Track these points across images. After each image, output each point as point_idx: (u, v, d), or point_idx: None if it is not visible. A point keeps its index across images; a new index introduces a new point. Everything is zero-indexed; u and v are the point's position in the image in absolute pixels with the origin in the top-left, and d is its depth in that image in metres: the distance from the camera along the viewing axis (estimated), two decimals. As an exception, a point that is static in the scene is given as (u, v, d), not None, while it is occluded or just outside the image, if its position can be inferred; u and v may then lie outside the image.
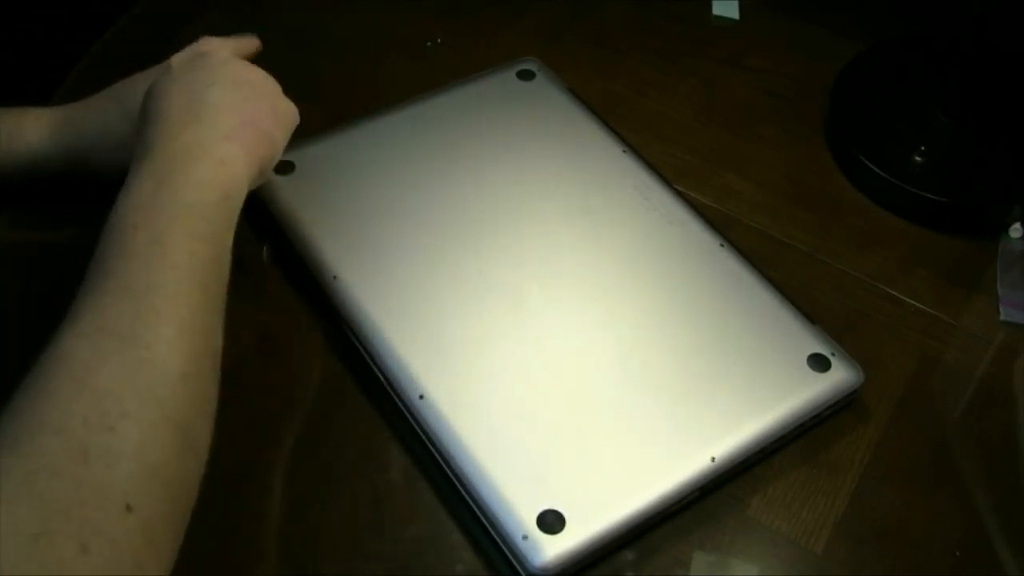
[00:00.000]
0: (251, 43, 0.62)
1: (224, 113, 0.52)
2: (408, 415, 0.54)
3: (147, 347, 0.41)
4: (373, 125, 0.66)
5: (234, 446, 0.54)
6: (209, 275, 0.46)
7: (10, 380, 0.39)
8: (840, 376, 0.55)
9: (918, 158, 0.68)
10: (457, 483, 0.51)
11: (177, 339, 0.42)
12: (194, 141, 0.50)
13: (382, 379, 0.55)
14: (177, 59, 0.56)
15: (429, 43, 0.77)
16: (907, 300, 0.63)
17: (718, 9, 0.82)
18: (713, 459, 0.51)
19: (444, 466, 0.52)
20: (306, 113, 0.59)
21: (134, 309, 0.42)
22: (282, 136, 0.56)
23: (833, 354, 0.55)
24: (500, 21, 0.80)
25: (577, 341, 0.55)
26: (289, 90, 0.58)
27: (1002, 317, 0.62)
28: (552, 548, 0.47)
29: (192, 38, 0.60)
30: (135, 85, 0.59)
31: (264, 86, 0.56)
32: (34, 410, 0.38)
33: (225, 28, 0.66)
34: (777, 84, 0.76)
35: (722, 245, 0.60)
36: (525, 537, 0.47)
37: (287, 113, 0.57)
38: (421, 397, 0.52)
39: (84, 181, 0.62)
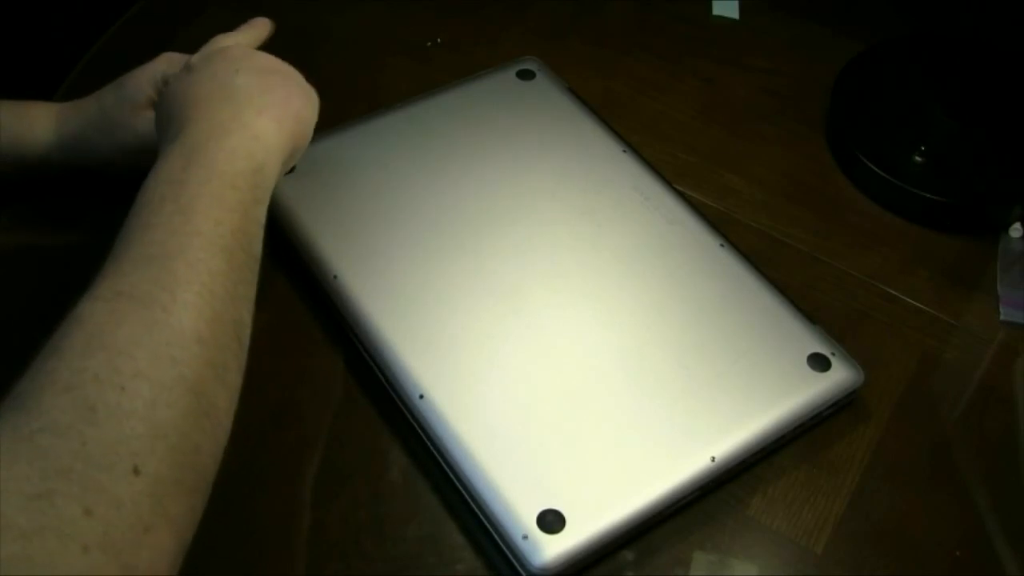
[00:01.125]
0: (263, 27, 0.61)
1: (255, 93, 0.52)
2: (408, 415, 0.54)
3: (164, 309, 0.40)
4: (373, 125, 0.66)
5: (234, 446, 0.54)
6: (235, 244, 0.45)
7: (10, 383, 0.39)
8: (840, 376, 0.55)
9: (918, 158, 0.68)
10: (457, 483, 0.51)
11: (196, 303, 0.41)
12: (228, 116, 0.49)
13: (382, 379, 0.55)
14: (196, 58, 0.56)
15: (429, 43, 0.77)
16: (907, 300, 0.63)
17: (718, 9, 0.82)
18: (713, 459, 0.51)
19: (444, 466, 0.52)
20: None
21: (154, 274, 0.41)
22: (311, 117, 0.55)
23: (833, 354, 0.55)
24: (500, 21, 0.80)
25: (577, 341, 0.55)
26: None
27: (1002, 317, 0.62)
28: (552, 548, 0.47)
29: (192, 38, 0.60)
30: (137, 75, 0.60)
31: (288, 72, 0.56)
32: (45, 368, 0.37)
33: (225, 28, 0.66)
34: (777, 84, 0.76)
35: (722, 245, 0.60)
36: (525, 537, 0.47)
37: (313, 97, 0.56)
38: (421, 397, 0.53)
39: (88, 175, 0.62)
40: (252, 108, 0.51)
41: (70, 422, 0.35)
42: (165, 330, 0.39)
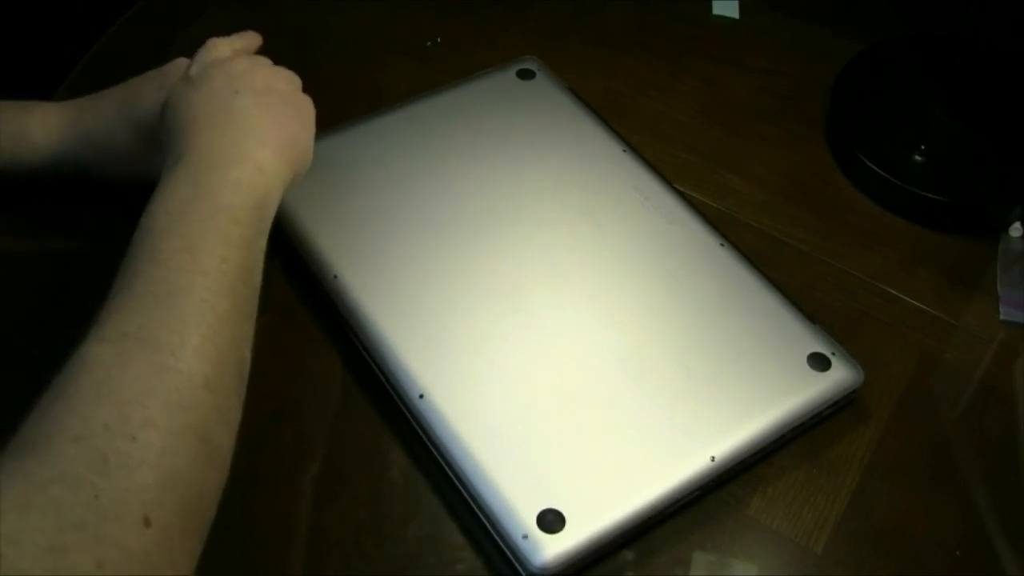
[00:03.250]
0: (253, 40, 0.61)
1: (256, 118, 0.51)
2: (408, 415, 0.54)
3: (172, 353, 0.40)
4: (373, 125, 0.66)
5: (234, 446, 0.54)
6: (239, 280, 0.45)
7: (8, 385, 0.39)
8: (840, 376, 0.55)
9: (918, 158, 0.68)
10: (457, 483, 0.51)
11: (203, 347, 0.41)
12: (230, 144, 0.49)
13: (382, 379, 0.55)
14: (194, 69, 0.55)
15: (429, 43, 0.77)
16: (907, 299, 0.63)
17: (718, 9, 0.82)
18: (713, 459, 0.51)
19: (444, 466, 0.52)
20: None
21: (160, 315, 0.41)
22: (308, 139, 0.55)
23: (833, 353, 0.55)
24: (500, 21, 0.80)
25: (577, 340, 0.55)
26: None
27: (1002, 316, 0.62)
28: (552, 547, 0.47)
29: (192, 38, 0.60)
30: (139, 94, 0.58)
31: (288, 90, 0.55)
32: (55, 415, 0.37)
33: (226, 28, 0.66)
34: (777, 84, 0.76)
35: (722, 245, 0.60)
36: (525, 537, 0.47)
37: (309, 113, 0.56)
38: (421, 397, 0.53)
39: (87, 185, 0.62)
40: (253, 136, 0.50)
41: (82, 473, 0.35)
42: (174, 376, 0.40)
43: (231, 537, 0.51)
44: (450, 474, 0.52)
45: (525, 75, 0.70)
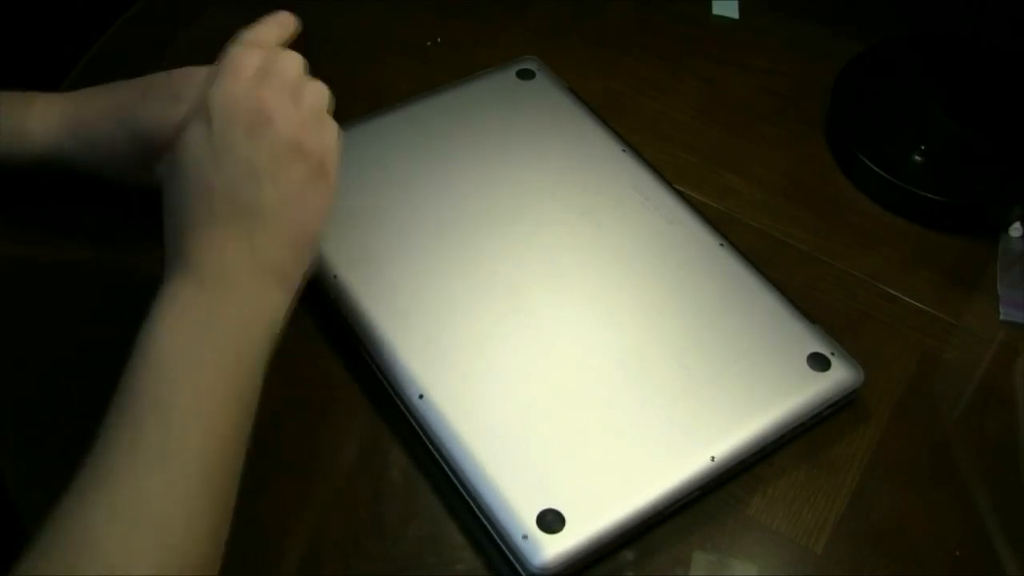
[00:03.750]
0: (288, 24, 0.55)
1: (281, 215, 0.48)
2: (408, 415, 0.54)
3: (173, 533, 0.40)
4: (373, 125, 0.66)
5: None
6: (247, 421, 0.45)
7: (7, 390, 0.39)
8: (840, 376, 0.55)
9: (918, 158, 0.68)
10: (457, 483, 0.51)
11: (204, 520, 0.41)
12: (249, 260, 0.47)
13: (382, 379, 0.55)
14: (216, 100, 0.49)
15: (429, 43, 0.77)
16: (907, 299, 0.63)
17: (718, 9, 0.82)
18: (713, 459, 0.51)
19: (444, 466, 0.52)
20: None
21: (164, 485, 0.40)
22: (325, 223, 0.51)
23: (833, 354, 0.55)
24: (500, 21, 0.80)
25: (577, 340, 0.55)
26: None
27: (1002, 317, 0.62)
28: (552, 548, 0.47)
29: (192, 38, 0.59)
30: (142, 104, 0.56)
31: (321, 157, 0.50)
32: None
33: (226, 28, 0.66)
34: (777, 84, 0.76)
35: (722, 245, 0.60)
36: (525, 537, 0.47)
37: (332, 187, 0.51)
38: (421, 397, 0.53)
39: (86, 185, 0.62)
40: (265, 260, 0.47)
41: None
42: (180, 559, 0.39)
43: (231, 537, 0.51)
44: (450, 474, 0.52)
45: (525, 75, 0.70)
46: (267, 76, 0.50)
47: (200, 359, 0.44)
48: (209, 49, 0.55)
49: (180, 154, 0.49)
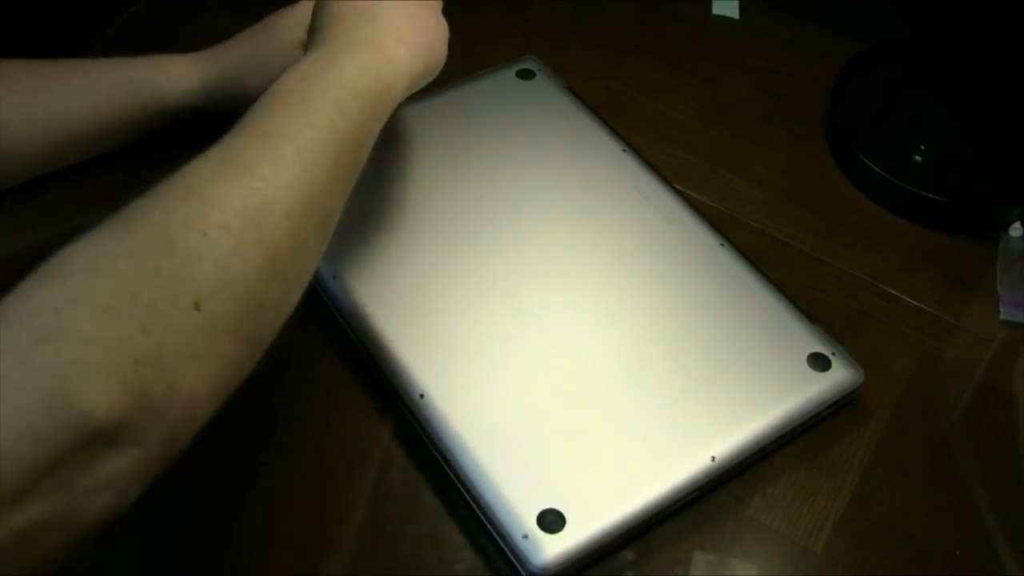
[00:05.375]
0: None
1: (399, 16, 0.53)
2: (408, 415, 0.54)
3: (263, 179, 0.42)
4: (373, 125, 0.66)
5: (234, 446, 0.54)
6: (344, 147, 0.47)
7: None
8: (840, 376, 0.55)
9: (918, 158, 0.68)
10: (457, 483, 0.51)
11: (293, 184, 0.43)
12: (368, 35, 0.51)
13: (382, 379, 0.55)
14: None
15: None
16: (907, 299, 0.63)
17: (718, 9, 0.82)
18: (713, 459, 0.51)
19: (444, 466, 0.52)
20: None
21: (261, 149, 0.44)
22: (442, 52, 0.56)
23: (833, 353, 0.55)
24: (500, 21, 0.80)
25: (577, 340, 0.55)
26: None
27: (1002, 316, 0.62)
28: (552, 547, 0.47)
29: (193, 38, 0.60)
30: (285, 18, 0.63)
31: (432, 4, 0.56)
32: (141, 206, 0.40)
33: (226, 27, 0.66)
34: (777, 84, 0.76)
35: (722, 245, 0.60)
36: (525, 536, 0.47)
37: (446, 30, 0.57)
38: (421, 397, 0.53)
39: (87, 166, 0.63)
40: (391, 33, 0.52)
41: (149, 252, 0.38)
42: (258, 198, 0.42)
43: (231, 537, 0.51)
44: (450, 474, 0.52)
45: (525, 75, 0.70)
46: None
47: (313, 82, 0.48)
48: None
49: (317, 3, 0.54)
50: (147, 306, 0.37)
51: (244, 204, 0.41)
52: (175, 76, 0.64)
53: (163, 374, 0.36)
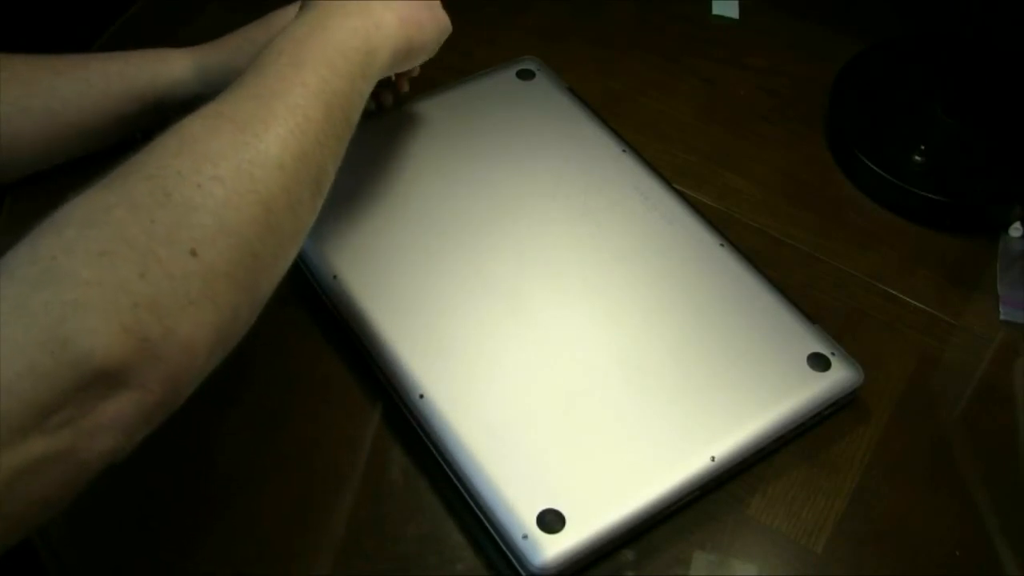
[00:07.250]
0: None
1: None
2: (408, 415, 0.54)
3: (255, 135, 0.43)
4: (372, 125, 0.66)
5: (234, 445, 0.54)
6: (335, 103, 0.48)
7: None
8: (840, 375, 0.55)
9: (918, 158, 0.68)
10: (457, 483, 0.51)
11: (286, 138, 0.44)
12: (358, 3, 0.53)
13: (382, 379, 0.55)
14: None
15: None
16: (907, 299, 0.63)
17: (718, 9, 0.82)
18: (713, 459, 0.51)
19: (444, 466, 0.52)
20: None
21: (254, 107, 0.45)
22: (433, 33, 0.58)
23: (833, 353, 0.55)
24: (500, 21, 0.80)
25: (577, 341, 0.55)
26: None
27: (1002, 316, 0.62)
28: (552, 547, 0.47)
29: (192, 38, 0.60)
30: (282, 16, 0.64)
31: None
32: (136, 161, 0.41)
33: (226, 27, 0.66)
34: (777, 84, 0.76)
35: (722, 245, 0.60)
36: (525, 536, 0.47)
37: (443, 21, 0.59)
38: (421, 397, 0.53)
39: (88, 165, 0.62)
40: (381, 1, 0.53)
41: (145, 204, 0.39)
42: (251, 151, 0.43)
43: (232, 536, 0.51)
44: (450, 474, 0.52)
45: (525, 75, 0.70)
46: None
47: (303, 43, 0.49)
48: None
49: None
50: (144, 252, 0.38)
51: (237, 157, 0.42)
52: (173, 69, 0.64)
53: (161, 318, 0.37)
